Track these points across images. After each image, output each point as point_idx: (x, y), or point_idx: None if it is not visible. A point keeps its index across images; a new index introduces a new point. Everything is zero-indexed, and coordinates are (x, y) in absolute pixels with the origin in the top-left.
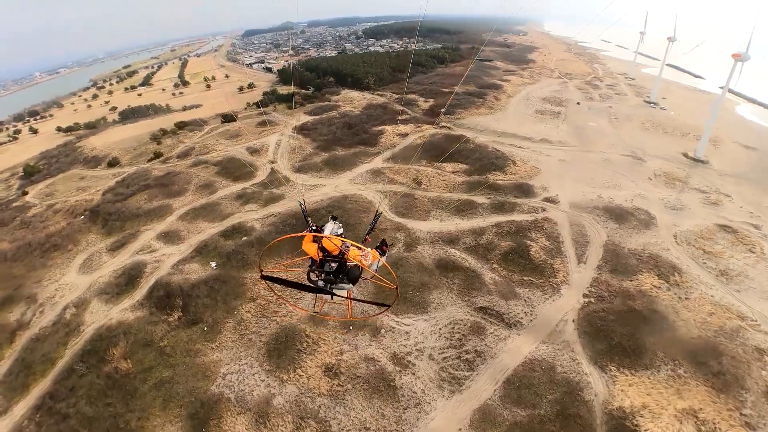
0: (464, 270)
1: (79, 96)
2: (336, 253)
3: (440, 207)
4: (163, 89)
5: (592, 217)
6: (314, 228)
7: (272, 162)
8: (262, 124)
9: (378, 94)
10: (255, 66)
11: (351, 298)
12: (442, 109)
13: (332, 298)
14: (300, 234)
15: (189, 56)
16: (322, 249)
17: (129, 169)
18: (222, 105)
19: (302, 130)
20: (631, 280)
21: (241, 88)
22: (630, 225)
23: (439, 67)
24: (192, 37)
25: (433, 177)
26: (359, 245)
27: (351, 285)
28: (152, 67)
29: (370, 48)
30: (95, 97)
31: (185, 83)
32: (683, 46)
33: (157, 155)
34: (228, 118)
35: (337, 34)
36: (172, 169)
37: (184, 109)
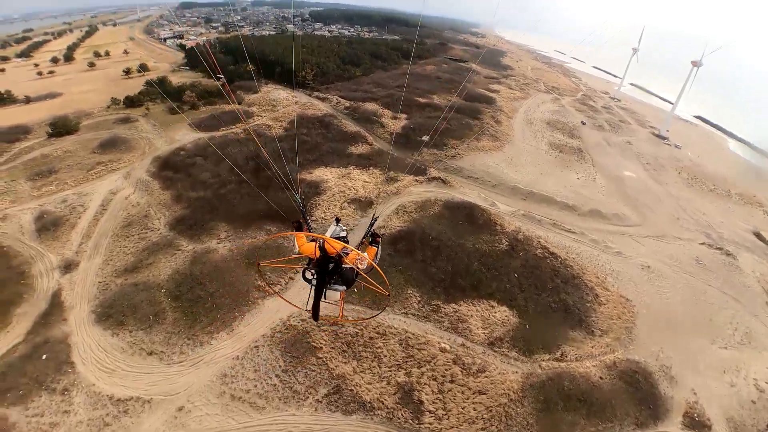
0: None
1: None
2: (334, 254)
3: None
4: (36, 65)
5: None
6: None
7: (67, 266)
8: (108, 145)
9: (318, 97)
10: (169, 42)
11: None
12: (424, 137)
13: (325, 298)
14: (291, 234)
15: (105, 25)
16: (321, 249)
17: None
18: (91, 95)
19: (166, 167)
20: None
21: (127, 71)
22: None
23: (404, 62)
24: (124, 6)
25: (450, 376)
26: (357, 251)
27: (345, 287)
28: (53, 35)
29: (315, 32)
30: None
31: (69, 58)
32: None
33: None
34: (59, 127)
35: (281, 14)
36: None
37: (27, 101)
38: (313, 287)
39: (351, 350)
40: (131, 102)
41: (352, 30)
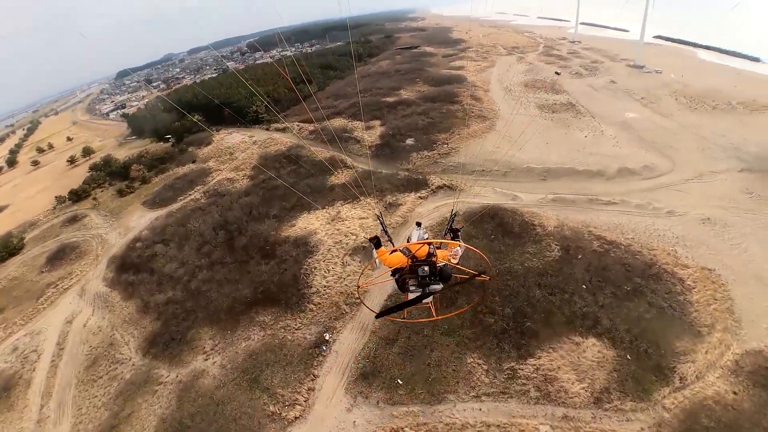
0: None
1: None
2: (425, 256)
3: None
4: None
5: None
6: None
7: None
8: (57, 258)
9: (277, 129)
10: (112, 115)
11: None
12: (408, 140)
13: (421, 301)
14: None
15: (47, 116)
16: (413, 256)
17: None
18: (39, 197)
19: (124, 269)
20: None
21: (72, 160)
22: None
23: (357, 65)
24: (64, 91)
25: None
26: (444, 241)
27: (442, 285)
28: None
29: (257, 62)
30: None
31: (12, 163)
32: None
33: None
34: (1, 250)
35: (219, 55)
36: None
37: None
38: (410, 293)
39: None
40: (77, 196)
41: (294, 49)
